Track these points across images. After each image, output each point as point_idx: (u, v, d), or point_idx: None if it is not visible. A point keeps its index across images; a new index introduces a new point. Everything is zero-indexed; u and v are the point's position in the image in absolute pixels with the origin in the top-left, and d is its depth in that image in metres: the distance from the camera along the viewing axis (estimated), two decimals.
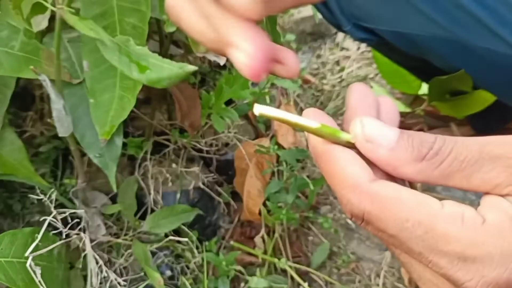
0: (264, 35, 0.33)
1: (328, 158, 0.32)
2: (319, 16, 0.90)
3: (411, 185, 0.35)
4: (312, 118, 0.33)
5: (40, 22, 0.83)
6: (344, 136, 0.33)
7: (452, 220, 0.29)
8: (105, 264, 0.91)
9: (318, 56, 1.66)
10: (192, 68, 0.58)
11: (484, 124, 1.11)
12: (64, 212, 0.88)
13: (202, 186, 1.08)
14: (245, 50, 0.32)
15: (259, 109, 0.32)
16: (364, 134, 0.32)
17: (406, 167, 0.31)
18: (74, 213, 0.91)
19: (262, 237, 1.09)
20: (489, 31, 0.60)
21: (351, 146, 0.33)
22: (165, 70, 0.59)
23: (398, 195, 0.30)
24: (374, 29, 0.73)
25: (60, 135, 0.80)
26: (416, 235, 0.29)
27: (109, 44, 0.61)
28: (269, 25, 0.83)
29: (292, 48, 1.65)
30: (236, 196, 1.17)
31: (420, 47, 0.70)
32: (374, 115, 0.35)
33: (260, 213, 1.09)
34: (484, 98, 0.91)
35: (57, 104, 0.77)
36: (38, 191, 0.89)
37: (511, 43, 0.59)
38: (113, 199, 1.02)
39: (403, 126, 0.38)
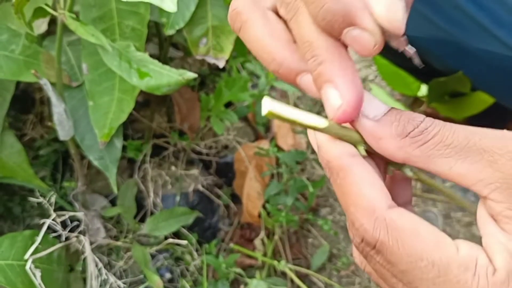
0: (359, 80, 0.31)
1: (344, 175, 0.30)
2: None
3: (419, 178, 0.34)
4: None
5: (40, 26, 0.84)
6: (354, 135, 0.32)
7: (465, 269, 0.28)
8: (104, 267, 0.91)
9: None
10: (192, 75, 0.58)
11: (483, 125, 1.11)
12: (64, 215, 0.88)
13: (201, 188, 1.09)
14: (343, 93, 0.30)
15: (268, 107, 0.31)
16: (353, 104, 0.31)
17: (388, 140, 0.30)
18: (73, 216, 0.91)
19: (262, 239, 1.09)
20: (486, 32, 0.60)
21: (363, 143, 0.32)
22: (164, 77, 0.59)
23: (416, 229, 0.28)
24: None
25: (61, 138, 0.81)
26: (427, 277, 0.28)
27: (109, 49, 0.62)
28: None
29: None
30: (236, 198, 1.17)
31: (417, 49, 0.70)
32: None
33: (259, 215, 1.09)
34: (483, 100, 0.91)
35: (58, 108, 0.77)
36: (38, 194, 0.89)
37: (508, 44, 0.60)
38: (113, 202, 1.02)
39: None
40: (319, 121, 0.32)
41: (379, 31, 0.31)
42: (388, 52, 0.79)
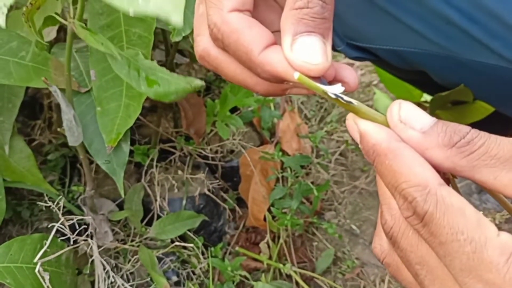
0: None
1: (395, 155, 0.32)
2: None
3: (452, 184, 0.36)
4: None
5: (49, 33, 0.85)
6: (380, 116, 0.34)
7: (501, 252, 0.29)
8: (112, 270, 0.92)
9: None
10: (199, 83, 0.59)
11: (485, 132, 1.11)
12: (72, 219, 0.89)
13: (207, 192, 1.10)
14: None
15: (297, 75, 0.35)
16: (399, 115, 0.33)
17: (435, 150, 0.32)
18: (81, 219, 0.92)
19: (267, 243, 1.10)
20: (481, 45, 0.60)
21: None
22: (172, 84, 0.60)
23: (463, 207, 0.30)
24: (368, 48, 0.73)
25: (70, 144, 0.82)
26: (464, 250, 0.29)
27: (119, 58, 0.63)
28: None
29: None
30: (241, 202, 1.18)
31: (414, 63, 0.70)
32: None
33: (265, 219, 1.10)
34: (485, 108, 0.92)
35: (67, 115, 0.78)
36: (46, 198, 0.90)
37: (502, 55, 0.60)
38: (120, 206, 1.03)
39: None
40: (349, 100, 0.35)
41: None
42: (387, 65, 0.80)
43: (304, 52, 0.35)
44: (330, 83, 0.37)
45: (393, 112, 0.33)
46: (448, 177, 0.35)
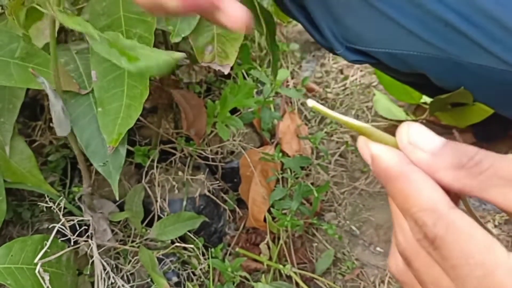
0: None
1: (405, 179, 0.33)
2: None
3: (464, 202, 0.36)
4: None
5: (46, 34, 0.86)
6: (390, 138, 0.35)
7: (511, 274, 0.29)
8: (112, 271, 0.92)
9: (322, 65, 1.67)
10: (180, 54, 0.59)
11: (485, 132, 1.12)
12: (73, 220, 0.89)
13: (207, 193, 1.10)
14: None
15: (312, 103, 0.35)
16: (408, 137, 0.33)
17: (444, 172, 0.32)
18: (82, 220, 0.92)
19: (267, 244, 1.10)
20: (481, 48, 0.60)
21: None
22: (153, 58, 0.60)
23: (473, 231, 0.30)
24: (367, 51, 0.73)
25: (58, 134, 0.82)
26: (474, 275, 0.30)
27: (98, 38, 0.63)
28: (268, 37, 0.84)
29: (297, 58, 1.67)
30: (242, 203, 1.18)
31: (413, 66, 0.70)
32: None
33: (265, 220, 1.10)
34: (484, 109, 0.92)
35: (56, 106, 0.78)
36: (47, 199, 0.90)
37: (501, 58, 0.60)
38: (121, 207, 1.03)
39: None
40: (360, 123, 0.35)
41: None
42: (387, 68, 0.80)
43: None
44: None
45: (402, 134, 0.34)
46: (459, 196, 0.35)
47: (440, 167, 0.32)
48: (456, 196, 0.34)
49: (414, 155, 0.33)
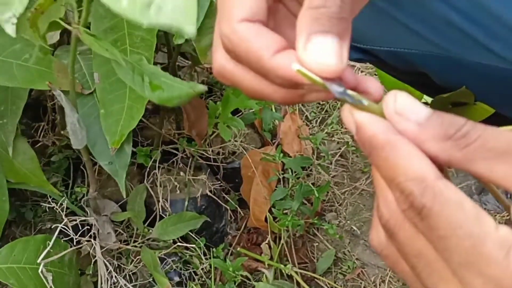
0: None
1: (392, 148, 0.32)
2: None
3: (445, 174, 0.36)
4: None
5: (52, 36, 0.86)
6: (376, 107, 0.33)
7: (500, 246, 0.28)
8: (114, 270, 0.93)
9: None
10: (202, 88, 0.60)
11: None
12: (75, 220, 0.90)
13: (209, 193, 1.10)
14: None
15: (297, 67, 0.34)
16: (395, 107, 0.32)
17: (431, 143, 0.31)
18: (84, 220, 0.93)
19: (268, 244, 1.10)
20: (481, 46, 0.60)
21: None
22: (176, 89, 0.60)
23: (461, 201, 0.30)
24: (368, 49, 0.73)
25: (74, 147, 0.82)
26: (462, 245, 0.29)
27: (123, 64, 0.63)
28: None
29: None
30: (243, 203, 1.19)
31: (414, 64, 0.70)
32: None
33: (266, 220, 1.11)
34: (485, 109, 0.92)
35: (71, 118, 0.78)
36: (49, 199, 0.91)
37: (503, 57, 0.60)
38: (123, 207, 1.04)
39: None
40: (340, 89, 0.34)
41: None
42: (388, 67, 0.80)
43: (318, 52, 0.34)
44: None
45: (389, 103, 0.33)
46: (442, 168, 0.35)
47: (427, 138, 0.31)
48: (438, 169, 0.33)
49: (400, 125, 0.32)
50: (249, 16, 0.37)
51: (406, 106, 0.32)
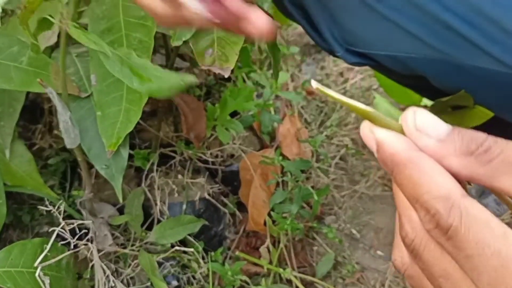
0: None
1: (415, 166, 0.31)
2: None
3: (464, 187, 0.35)
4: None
5: (49, 38, 0.86)
6: (395, 124, 0.33)
7: None
8: (112, 274, 0.92)
9: (322, 68, 1.67)
10: (192, 79, 0.59)
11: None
12: (72, 223, 0.89)
13: (207, 197, 1.10)
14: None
15: (316, 85, 0.33)
16: (415, 123, 0.32)
17: (452, 159, 0.31)
18: (82, 224, 0.92)
19: (267, 247, 1.10)
20: (480, 50, 0.60)
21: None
22: (165, 80, 0.60)
23: (487, 219, 0.29)
24: (367, 53, 0.73)
25: (67, 146, 0.82)
26: (491, 264, 0.29)
27: (111, 56, 0.63)
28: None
29: (297, 60, 1.67)
30: (242, 206, 1.18)
31: (413, 68, 0.70)
32: None
33: (265, 224, 1.10)
34: (485, 113, 0.92)
35: (63, 116, 0.78)
36: (47, 202, 0.90)
37: (502, 60, 0.60)
38: (120, 210, 1.03)
39: None
40: (363, 106, 0.33)
41: None
42: (387, 71, 0.80)
43: None
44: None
45: (409, 120, 0.32)
46: (464, 184, 0.34)
47: (448, 154, 0.31)
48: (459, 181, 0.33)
49: (421, 141, 0.32)
50: None
51: (426, 123, 0.32)
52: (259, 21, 0.37)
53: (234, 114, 1.18)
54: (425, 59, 0.67)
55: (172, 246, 1.00)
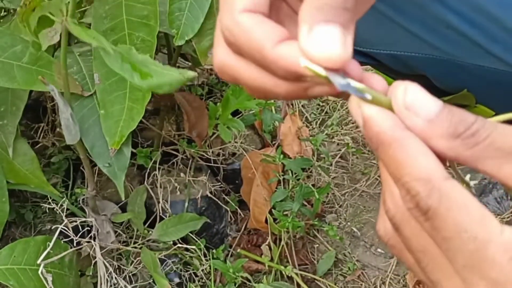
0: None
1: (399, 146, 0.31)
2: None
3: (453, 168, 0.35)
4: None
5: (52, 37, 0.86)
6: (384, 99, 0.32)
7: (504, 250, 0.28)
8: (114, 271, 0.92)
9: None
10: (192, 74, 0.59)
11: None
12: (75, 221, 0.90)
13: (209, 195, 1.10)
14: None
15: (305, 63, 0.32)
16: (404, 100, 0.32)
17: (439, 140, 0.31)
18: (84, 221, 0.93)
19: (269, 245, 1.10)
20: (481, 49, 0.60)
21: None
22: (166, 76, 0.60)
23: (466, 203, 0.30)
24: (368, 52, 0.73)
25: (68, 142, 0.82)
26: (466, 248, 0.29)
27: (112, 52, 0.63)
28: None
29: None
30: (243, 204, 1.19)
31: (414, 67, 0.70)
32: None
33: (266, 221, 1.11)
34: (486, 111, 0.92)
35: (65, 113, 0.79)
36: (49, 200, 0.91)
37: (503, 59, 0.60)
38: (123, 208, 1.04)
39: None
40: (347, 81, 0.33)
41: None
42: (388, 70, 0.80)
43: (321, 41, 0.33)
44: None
45: (398, 97, 0.32)
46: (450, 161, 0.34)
47: (435, 135, 0.31)
48: (444, 160, 0.33)
49: (409, 120, 0.31)
50: (251, 7, 0.36)
51: (416, 101, 0.32)
52: (380, 83, 0.36)
53: (235, 113, 1.18)
54: (427, 59, 0.67)
55: (174, 243, 1.01)
